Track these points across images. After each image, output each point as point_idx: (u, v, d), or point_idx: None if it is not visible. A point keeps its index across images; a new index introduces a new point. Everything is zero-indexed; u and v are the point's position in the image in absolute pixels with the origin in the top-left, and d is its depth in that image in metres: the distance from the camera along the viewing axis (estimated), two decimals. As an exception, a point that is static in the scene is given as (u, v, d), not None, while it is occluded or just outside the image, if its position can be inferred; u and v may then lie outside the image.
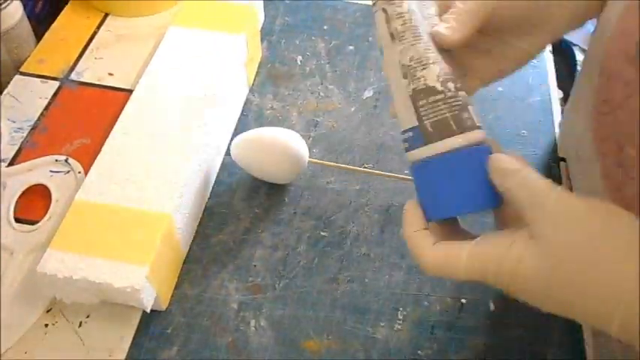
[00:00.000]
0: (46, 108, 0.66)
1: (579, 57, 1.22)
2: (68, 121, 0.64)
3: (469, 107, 0.40)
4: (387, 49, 0.42)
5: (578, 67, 1.41)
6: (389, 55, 0.42)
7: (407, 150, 0.42)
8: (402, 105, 0.41)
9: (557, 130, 0.69)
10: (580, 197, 0.34)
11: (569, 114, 0.65)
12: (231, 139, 0.62)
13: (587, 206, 0.34)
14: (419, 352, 0.52)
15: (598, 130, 0.47)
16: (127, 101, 0.60)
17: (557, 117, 0.71)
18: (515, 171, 0.37)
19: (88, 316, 0.52)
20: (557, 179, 0.65)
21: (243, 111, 0.69)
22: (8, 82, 0.68)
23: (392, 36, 0.41)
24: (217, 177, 0.63)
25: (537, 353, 0.52)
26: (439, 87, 0.40)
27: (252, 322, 0.53)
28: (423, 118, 0.40)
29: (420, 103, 0.40)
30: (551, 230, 0.34)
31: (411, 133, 0.41)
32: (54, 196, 0.58)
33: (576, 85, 0.64)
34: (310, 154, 0.65)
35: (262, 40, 0.75)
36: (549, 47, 0.80)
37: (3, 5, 0.66)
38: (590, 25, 0.49)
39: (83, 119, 0.65)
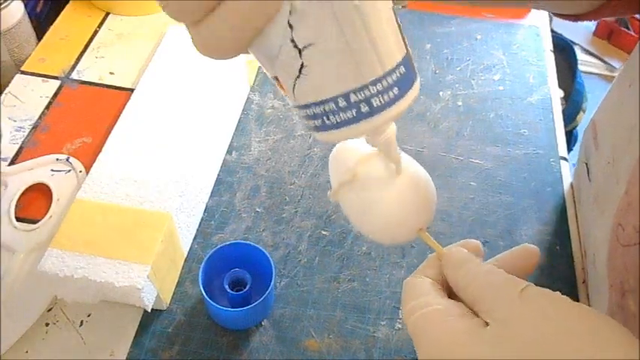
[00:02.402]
0: (47, 107, 0.66)
1: (580, 56, 1.22)
2: (69, 120, 0.64)
3: None
4: None
5: (579, 66, 1.41)
6: None
7: (395, 99, 0.28)
8: (384, 34, 0.27)
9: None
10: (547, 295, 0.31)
11: (591, 206, 0.58)
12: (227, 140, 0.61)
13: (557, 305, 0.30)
14: (420, 351, 0.52)
15: (610, 254, 0.41)
16: (128, 100, 0.60)
17: (558, 116, 0.71)
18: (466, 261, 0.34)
19: (89, 315, 0.52)
20: (557, 178, 0.65)
21: (244, 110, 0.69)
22: (9, 81, 0.68)
23: None
24: (218, 176, 0.63)
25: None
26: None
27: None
28: (406, 42, 0.29)
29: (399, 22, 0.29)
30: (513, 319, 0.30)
31: (401, 70, 0.28)
32: (55, 195, 0.58)
33: (600, 170, 0.56)
34: (311, 153, 0.65)
35: (263, 39, 0.75)
36: (550, 46, 0.80)
37: (4, 4, 0.66)
38: (591, 25, 0.48)
39: (84, 118, 0.65)
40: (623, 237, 0.41)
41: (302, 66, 0.27)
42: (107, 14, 0.76)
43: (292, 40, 0.26)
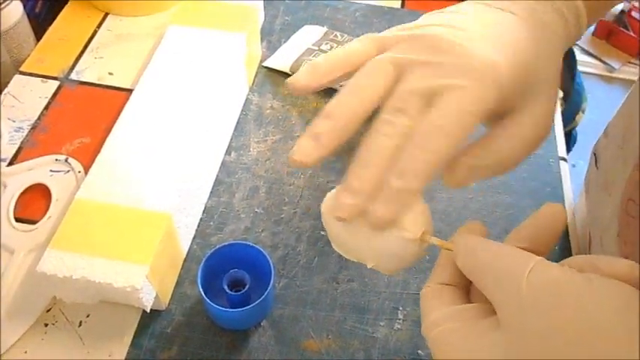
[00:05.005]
0: (46, 107, 0.66)
1: (579, 56, 1.21)
2: (68, 121, 0.64)
3: None
4: None
5: (578, 67, 1.41)
6: None
7: None
8: None
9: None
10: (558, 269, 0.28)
11: (599, 191, 0.58)
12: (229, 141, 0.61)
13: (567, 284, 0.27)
14: (419, 351, 0.52)
15: (622, 229, 0.41)
16: (126, 100, 0.60)
17: (557, 116, 0.71)
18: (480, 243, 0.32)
19: (88, 316, 0.52)
20: (556, 178, 0.65)
21: (242, 110, 0.69)
22: (8, 82, 0.68)
23: None
24: (217, 176, 0.63)
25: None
26: None
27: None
28: None
29: None
30: (520, 319, 0.28)
31: None
32: (54, 196, 0.58)
33: (609, 156, 0.57)
34: (310, 154, 0.65)
35: (262, 39, 0.75)
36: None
37: (3, 5, 0.66)
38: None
39: (83, 119, 0.65)
40: (634, 210, 0.41)
41: None
42: (106, 14, 0.76)
43: None
